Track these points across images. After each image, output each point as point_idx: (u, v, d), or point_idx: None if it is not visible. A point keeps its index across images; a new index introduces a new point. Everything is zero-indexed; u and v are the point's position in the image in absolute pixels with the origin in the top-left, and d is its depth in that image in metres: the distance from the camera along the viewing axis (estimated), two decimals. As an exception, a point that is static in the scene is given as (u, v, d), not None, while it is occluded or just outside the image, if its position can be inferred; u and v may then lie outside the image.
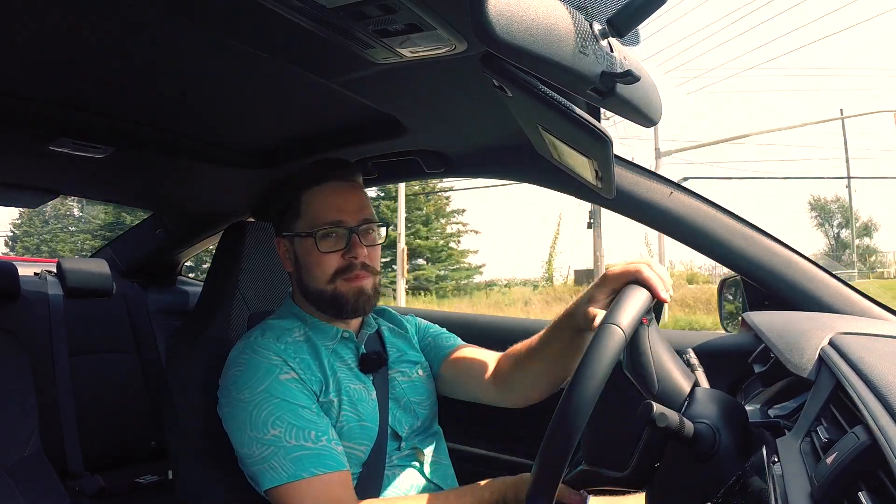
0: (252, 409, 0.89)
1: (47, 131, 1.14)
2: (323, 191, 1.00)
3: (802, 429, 0.64)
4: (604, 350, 0.64)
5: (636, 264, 0.79)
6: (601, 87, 0.60)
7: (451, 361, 1.10)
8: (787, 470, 0.57)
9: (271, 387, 0.89)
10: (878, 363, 0.58)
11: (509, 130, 1.11)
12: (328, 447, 0.88)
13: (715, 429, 0.66)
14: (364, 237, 0.99)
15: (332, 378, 0.95)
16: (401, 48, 0.77)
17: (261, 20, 0.73)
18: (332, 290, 0.98)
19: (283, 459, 0.85)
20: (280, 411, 0.88)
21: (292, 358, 0.93)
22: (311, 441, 0.87)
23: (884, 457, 0.43)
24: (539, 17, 0.53)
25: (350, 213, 0.99)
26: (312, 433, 0.87)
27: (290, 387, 0.90)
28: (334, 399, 0.94)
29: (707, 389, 0.75)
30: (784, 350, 0.79)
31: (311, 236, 0.97)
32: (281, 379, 0.90)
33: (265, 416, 0.88)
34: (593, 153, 0.81)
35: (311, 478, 0.85)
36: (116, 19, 0.76)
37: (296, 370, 0.92)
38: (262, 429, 0.87)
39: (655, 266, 0.79)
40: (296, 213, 1.01)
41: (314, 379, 0.94)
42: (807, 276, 1.12)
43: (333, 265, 0.97)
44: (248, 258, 1.21)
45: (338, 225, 0.98)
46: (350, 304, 0.98)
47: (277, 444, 0.86)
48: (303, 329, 1.00)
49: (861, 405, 0.51)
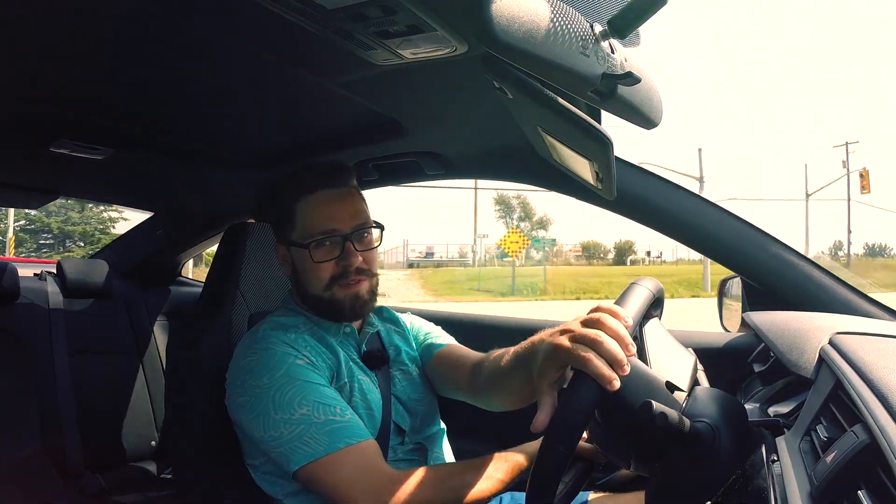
0: (274, 392, 0.90)
1: (47, 132, 1.14)
2: (315, 200, 1.01)
3: (802, 428, 0.64)
4: (580, 402, 0.64)
5: (585, 352, 0.66)
6: (602, 88, 0.60)
7: (437, 361, 1.11)
8: (786, 469, 0.57)
9: (290, 370, 0.92)
10: (878, 362, 0.58)
11: (509, 132, 1.11)
12: (355, 419, 0.91)
13: (715, 428, 0.66)
14: (358, 242, 1.01)
15: (345, 365, 0.98)
16: (401, 49, 0.77)
17: (261, 22, 0.73)
18: (328, 297, 1.00)
19: (317, 434, 0.87)
20: (305, 391, 0.90)
21: (303, 347, 0.95)
22: (338, 416, 0.89)
23: (883, 456, 0.43)
24: (540, 19, 0.53)
25: (343, 220, 0.99)
26: (338, 408, 0.90)
27: (307, 369, 0.93)
28: (346, 384, 0.97)
29: (707, 388, 0.75)
30: (784, 349, 0.79)
31: (305, 247, 0.99)
32: (297, 363, 0.93)
33: (290, 397, 0.89)
34: (594, 155, 0.82)
35: (348, 447, 0.87)
36: (116, 20, 0.76)
37: (308, 356, 0.95)
38: (288, 409, 0.88)
39: (606, 341, 0.66)
40: (290, 222, 1.02)
41: (325, 365, 0.96)
42: (806, 276, 1.12)
43: (329, 272, 0.99)
44: (248, 259, 1.21)
45: (331, 234, 0.99)
46: (347, 308, 1.00)
47: (308, 421, 0.88)
48: (307, 324, 1.02)
49: (861, 404, 0.51)
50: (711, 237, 1.17)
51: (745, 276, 1.19)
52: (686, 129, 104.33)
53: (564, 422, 0.64)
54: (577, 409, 0.65)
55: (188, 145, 1.30)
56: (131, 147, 1.25)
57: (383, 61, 0.81)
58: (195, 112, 1.14)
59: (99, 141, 1.20)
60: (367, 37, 0.74)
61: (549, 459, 0.63)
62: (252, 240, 1.22)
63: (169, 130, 1.22)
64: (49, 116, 1.08)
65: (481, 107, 1.06)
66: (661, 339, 0.77)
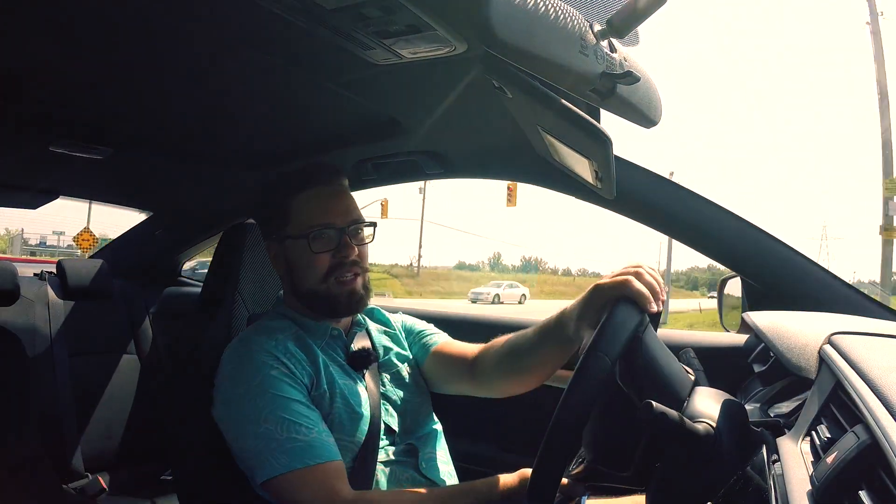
0: (246, 403, 0.91)
1: (47, 132, 1.14)
2: (310, 195, 1.02)
3: (802, 428, 0.64)
4: (590, 379, 0.65)
5: (624, 276, 0.77)
6: (601, 87, 0.60)
7: (433, 357, 1.12)
8: (787, 469, 0.57)
9: (264, 381, 0.92)
10: (878, 362, 0.58)
11: (509, 131, 1.11)
12: (320, 438, 0.90)
13: (715, 428, 0.66)
14: (353, 237, 1.02)
15: (324, 372, 0.98)
16: (400, 49, 0.77)
17: (261, 22, 0.73)
18: (324, 290, 1.00)
19: (277, 451, 0.87)
20: (272, 405, 0.90)
21: (283, 353, 0.95)
22: (301, 434, 0.89)
23: (884, 456, 0.43)
24: (539, 18, 0.53)
25: (339, 215, 1.01)
26: (304, 426, 0.89)
27: (281, 381, 0.92)
28: (326, 391, 0.96)
29: (707, 389, 0.75)
30: (784, 349, 0.79)
31: (303, 237, 0.99)
32: (272, 374, 0.92)
33: (258, 410, 0.90)
34: (593, 154, 0.81)
35: (307, 467, 0.87)
36: (116, 20, 0.76)
37: (287, 364, 0.94)
38: (255, 422, 0.89)
39: (645, 273, 0.77)
40: (285, 217, 1.03)
41: (305, 372, 0.96)
42: (806, 274, 1.12)
43: (325, 264, 1.00)
44: (247, 260, 1.21)
45: (328, 227, 1.00)
46: (343, 303, 1.01)
47: (269, 436, 0.88)
48: (293, 328, 1.02)
49: (861, 404, 0.51)
50: (711, 236, 1.17)
51: (744, 275, 1.19)
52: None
53: (605, 336, 0.67)
54: (619, 322, 0.69)
55: (188, 145, 1.30)
56: (131, 147, 1.25)
57: (382, 61, 0.81)
58: (195, 112, 1.14)
59: (98, 141, 1.19)
60: (367, 36, 0.74)
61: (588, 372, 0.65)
62: (251, 241, 1.22)
63: (169, 130, 1.22)
64: (49, 116, 1.08)
65: (480, 106, 1.06)
66: (655, 349, 0.77)
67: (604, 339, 0.68)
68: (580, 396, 0.64)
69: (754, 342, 1.13)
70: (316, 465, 0.87)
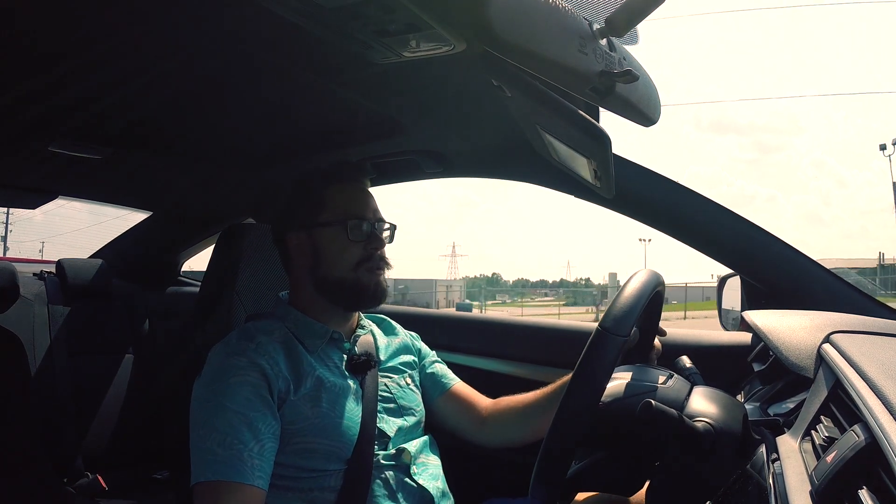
0: (199, 405, 0.91)
1: (47, 132, 1.14)
2: (347, 188, 1.06)
3: (802, 427, 0.64)
4: (602, 356, 0.65)
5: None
6: (600, 86, 0.60)
7: (451, 398, 1.17)
8: (786, 468, 0.57)
9: (219, 388, 0.91)
10: (878, 361, 0.58)
11: (508, 130, 1.11)
12: (241, 458, 0.86)
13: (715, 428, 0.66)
14: (380, 234, 1.05)
15: (310, 375, 0.96)
16: (400, 48, 0.77)
17: (260, 21, 0.73)
18: (353, 279, 1.02)
19: (196, 458, 0.87)
20: (214, 412, 0.89)
21: (261, 356, 0.94)
22: (222, 447, 0.86)
23: (884, 455, 0.43)
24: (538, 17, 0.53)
25: (370, 210, 1.05)
26: (228, 439, 0.87)
27: (238, 390, 0.90)
28: (309, 396, 0.95)
29: (707, 388, 0.75)
30: (783, 349, 0.79)
31: (340, 223, 1.02)
32: (231, 381, 0.91)
33: (203, 415, 0.90)
34: (592, 152, 0.81)
35: (219, 481, 0.85)
36: (115, 20, 0.76)
37: (262, 368, 0.92)
38: (196, 428, 0.90)
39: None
40: (320, 204, 1.04)
41: (281, 377, 0.94)
42: (806, 274, 1.12)
43: (358, 254, 1.02)
44: (245, 260, 1.21)
45: (363, 218, 1.03)
46: (370, 293, 1.03)
47: (196, 444, 0.88)
48: (284, 330, 1.01)
49: (860, 403, 0.51)
50: (710, 234, 1.16)
51: (743, 273, 1.18)
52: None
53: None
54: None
55: (187, 145, 1.30)
56: (130, 147, 1.25)
57: (382, 60, 0.81)
58: (193, 112, 1.14)
59: (98, 141, 1.19)
60: (366, 35, 0.74)
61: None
62: (248, 242, 1.22)
63: (168, 130, 1.22)
64: (48, 116, 1.08)
65: (480, 105, 1.06)
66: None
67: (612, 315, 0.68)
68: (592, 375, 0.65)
69: (754, 342, 1.13)
70: (221, 480, 0.84)
